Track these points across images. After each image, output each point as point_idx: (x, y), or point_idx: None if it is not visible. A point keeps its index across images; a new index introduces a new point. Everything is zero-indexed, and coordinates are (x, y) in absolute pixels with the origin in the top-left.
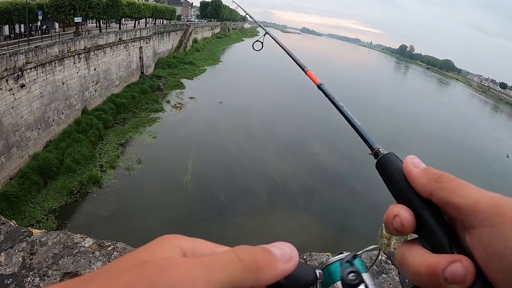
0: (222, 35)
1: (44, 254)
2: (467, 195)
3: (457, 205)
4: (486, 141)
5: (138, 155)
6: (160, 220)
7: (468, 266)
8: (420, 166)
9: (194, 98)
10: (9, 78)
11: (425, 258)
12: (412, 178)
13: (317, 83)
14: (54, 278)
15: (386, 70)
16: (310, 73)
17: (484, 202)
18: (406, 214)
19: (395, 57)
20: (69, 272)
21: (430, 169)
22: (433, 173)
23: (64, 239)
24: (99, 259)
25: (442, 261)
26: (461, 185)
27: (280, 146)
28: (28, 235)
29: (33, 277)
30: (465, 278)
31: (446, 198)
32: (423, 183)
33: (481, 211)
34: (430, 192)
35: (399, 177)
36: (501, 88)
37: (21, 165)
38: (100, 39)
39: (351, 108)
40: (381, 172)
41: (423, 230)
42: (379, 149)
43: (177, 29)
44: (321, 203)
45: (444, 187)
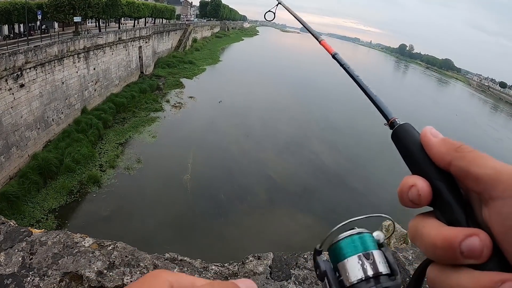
0: (221, 34)
1: (44, 254)
2: (487, 166)
3: (477, 175)
4: (486, 140)
5: (138, 154)
6: (159, 220)
7: (486, 240)
8: (438, 136)
9: (193, 97)
10: (8, 78)
11: (441, 230)
12: (430, 148)
13: (332, 52)
14: (54, 278)
15: (385, 69)
16: (325, 43)
17: (506, 173)
18: (423, 184)
19: (394, 56)
20: (69, 272)
21: (448, 139)
22: (452, 143)
23: (64, 239)
24: (99, 259)
25: (459, 234)
26: (481, 156)
27: (280, 145)
28: (27, 234)
29: (33, 277)
30: (482, 253)
31: (466, 167)
32: (441, 152)
33: (502, 181)
34: (449, 162)
35: (415, 147)
36: (500, 87)
37: (20, 165)
38: (99, 38)
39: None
40: (397, 143)
41: (438, 202)
42: (395, 120)
43: (176, 29)
44: (321, 202)
45: (463, 156)
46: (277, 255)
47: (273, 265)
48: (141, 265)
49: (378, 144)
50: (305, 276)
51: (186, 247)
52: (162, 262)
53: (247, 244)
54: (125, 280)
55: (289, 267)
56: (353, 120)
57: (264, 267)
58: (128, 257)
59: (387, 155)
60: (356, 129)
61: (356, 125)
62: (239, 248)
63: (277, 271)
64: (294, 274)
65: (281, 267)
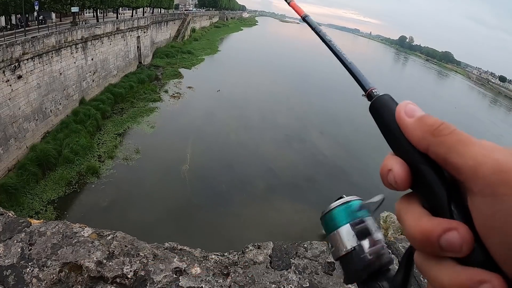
0: (220, 24)
1: (43, 245)
2: (468, 155)
3: (456, 165)
4: (488, 136)
5: (136, 145)
6: (158, 210)
7: (465, 235)
8: (415, 114)
9: (192, 87)
10: (6, 69)
11: (421, 221)
12: (405, 130)
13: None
14: (54, 269)
15: (385, 60)
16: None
17: (486, 166)
18: (399, 170)
19: (394, 47)
20: (69, 262)
21: (426, 118)
22: (430, 124)
23: (63, 229)
24: (98, 249)
25: (438, 228)
26: (462, 141)
27: (279, 136)
28: (26, 225)
29: (32, 268)
30: (461, 248)
31: (443, 155)
32: (417, 136)
33: (482, 177)
34: (426, 147)
35: (393, 125)
36: (500, 81)
37: (19, 157)
38: (97, 28)
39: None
40: (375, 117)
41: (420, 187)
42: (372, 90)
43: (175, 19)
44: (320, 193)
45: (442, 142)
46: (277, 244)
47: (273, 254)
48: (141, 255)
49: (377, 134)
50: (305, 266)
51: (185, 237)
52: (161, 252)
53: (246, 234)
54: (124, 269)
55: (289, 257)
56: (352, 111)
57: (264, 256)
58: (128, 247)
59: (385, 146)
60: (355, 120)
61: (355, 115)
62: (238, 238)
63: (277, 260)
64: (294, 263)
65: (281, 257)
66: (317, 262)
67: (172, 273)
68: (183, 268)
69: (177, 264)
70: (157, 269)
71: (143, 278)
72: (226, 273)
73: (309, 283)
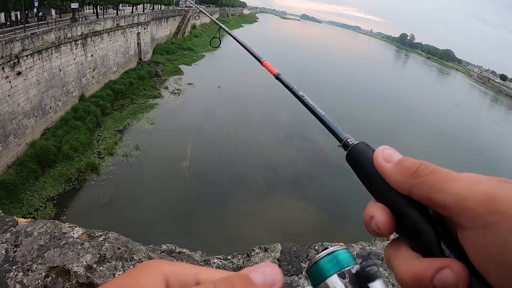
0: (220, 20)
1: (29, 246)
2: (451, 191)
3: (442, 203)
4: (489, 135)
5: (136, 141)
6: (158, 207)
7: (460, 272)
8: (393, 159)
9: (192, 84)
10: (5, 65)
11: (411, 265)
12: (385, 175)
13: (274, 73)
14: (39, 273)
15: (386, 58)
16: (267, 64)
17: (473, 198)
18: (381, 217)
19: (395, 45)
20: (56, 266)
21: (404, 161)
22: (409, 167)
23: (51, 229)
24: (88, 251)
25: (429, 269)
26: (443, 178)
27: (279, 133)
28: (13, 224)
29: (16, 272)
30: (457, 285)
31: (427, 195)
32: (398, 180)
33: (470, 210)
34: (408, 190)
35: (372, 171)
36: (501, 79)
37: (18, 153)
38: (97, 25)
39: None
40: (353, 166)
41: (407, 230)
42: (347, 140)
43: (175, 15)
44: (321, 190)
45: (423, 182)
46: (286, 246)
47: (282, 258)
48: (135, 258)
49: (377, 132)
50: None
51: (185, 235)
52: (158, 255)
53: (247, 231)
54: (116, 275)
55: (299, 260)
56: (354, 108)
57: (272, 260)
58: (121, 249)
59: (385, 143)
60: (357, 117)
61: (356, 113)
62: (239, 235)
63: (286, 265)
64: (305, 267)
65: (291, 260)
66: None
67: None
68: None
69: None
70: None
71: None
72: None
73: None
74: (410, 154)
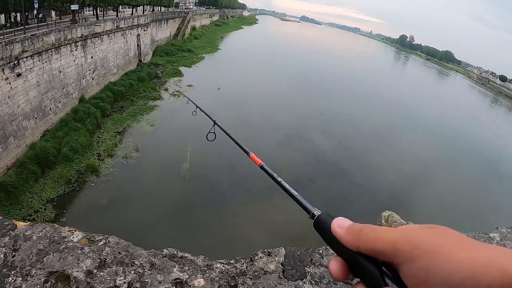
0: (220, 22)
1: (28, 251)
2: (385, 240)
3: (381, 250)
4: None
5: (136, 143)
6: (158, 209)
7: None
8: (344, 225)
9: (192, 86)
10: (5, 67)
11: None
12: (339, 238)
13: (259, 164)
14: (38, 279)
15: (386, 59)
16: (253, 156)
17: (400, 241)
18: (334, 267)
19: (395, 47)
20: (55, 271)
21: (352, 226)
22: (355, 230)
23: (50, 233)
24: (88, 256)
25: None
26: (380, 232)
27: (279, 135)
28: (11, 228)
29: (14, 277)
30: None
31: (370, 247)
32: (348, 240)
33: (399, 250)
34: (357, 247)
35: (331, 235)
36: (501, 80)
37: (18, 155)
38: (97, 26)
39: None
40: (318, 232)
41: (361, 274)
42: (314, 212)
43: (175, 17)
44: (322, 191)
45: (366, 239)
46: (289, 250)
47: (286, 262)
48: (136, 263)
49: (378, 134)
50: (321, 275)
51: (186, 238)
52: (159, 260)
53: (249, 233)
54: (117, 281)
55: (304, 264)
56: (353, 110)
57: (275, 264)
58: (122, 254)
59: (386, 145)
60: (356, 119)
61: (356, 115)
62: (240, 238)
63: (290, 269)
64: (309, 272)
65: (295, 265)
66: None
67: (171, 286)
68: (184, 280)
69: (177, 274)
70: (155, 281)
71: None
72: (233, 284)
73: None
74: (410, 156)
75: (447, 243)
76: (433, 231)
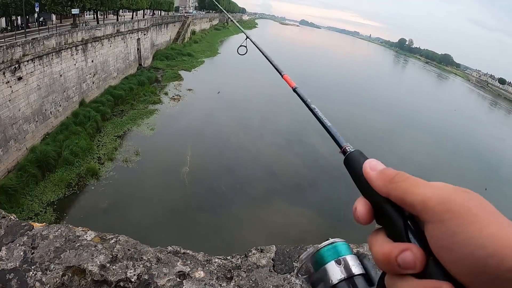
0: (220, 26)
1: (46, 248)
2: (418, 193)
3: (410, 202)
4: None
5: (136, 147)
6: (158, 212)
7: (417, 253)
8: (377, 168)
9: (192, 90)
10: (6, 70)
11: (383, 247)
12: (370, 181)
13: (293, 86)
14: (57, 272)
15: (385, 63)
16: (287, 77)
17: (433, 200)
18: (361, 209)
19: (394, 50)
20: (72, 265)
21: (386, 170)
22: (388, 174)
23: (65, 233)
24: (101, 252)
25: (395, 250)
26: (413, 184)
27: (279, 138)
28: (29, 229)
29: (35, 271)
30: (415, 265)
31: (400, 197)
32: (379, 185)
33: (430, 208)
34: (386, 193)
35: (361, 175)
36: (499, 83)
37: (18, 158)
38: (97, 30)
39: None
40: (348, 169)
41: (383, 221)
42: (346, 148)
43: (175, 21)
44: (320, 195)
45: (398, 187)
46: (280, 248)
47: (276, 258)
48: (144, 258)
49: (377, 137)
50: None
51: (187, 240)
52: (165, 255)
53: (247, 236)
54: (128, 273)
55: (292, 260)
56: (353, 114)
57: (267, 260)
58: (131, 251)
59: (385, 148)
60: (356, 124)
61: (356, 119)
62: (239, 239)
63: (280, 264)
64: (297, 266)
65: (284, 260)
66: None
67: (175, 277)
68: (186, 272)
69: (180, 268)
70: (161, 273)
71: (146, 282)
72: (229, 276)
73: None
74: (409, 159)
75: (479, 214)
76: (468, 196)
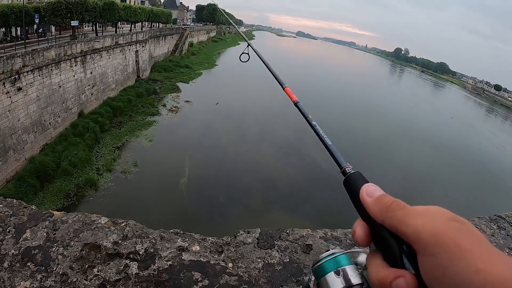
0: (217, 38)
1: (66, 230)
2: (411, 225)
3: (404, 233)
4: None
5: (135, 158)
6: (156, 223)
7: (410, 281)
8: (374, 194)
9: (190, 101)
10: (6, 81)
11: (379, 271)
12: (366, 207)
13: (294, 100)
14: (76, 248)
15: (381, 72)
16: (288, 90)
17: (425, 232)
18: (360, 232)
19: (390, 60)
20: (89, 243)
21: (382, 198)
22: (385, 202)
23: (82, 218)
24: (114, 232)
25: (390, 276)
26: (408, 214)
27: (277, 149)
28: (49, 215)
29: (57, 247)
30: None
31: (395, 226)
32: (375, 212)
33: (422, 241)
34: (382, 221)
35: (359, 199)
36: (495, 90)
37: (17, 168)
38: (96, 42)
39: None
40: (347, 190)
41: (380, 245)
42: (346, 168)
43: (173, 33)
44: (319, 205)
45: (393, 216)
46: (263, 230)
47: (260, 237)
48: (150, 237)
49: (374, 146)
50: (286, 246)
51: None
52: (167, 234)
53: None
54: (137, 247)
55: (274, 239)
56: (349, 123)
57: (252, 239)
58: (139, 232)
59: (382, 157)
60: (352, 132)
61: (352, 127)
62: None
63: (263, 242)
64: (277, 244)
65: (267, 239)
66: (297, 244)
67: (176, 250)
68: (185, 246)
69: (180, 243)
70: (164, 247)
71: (152, 254)
72: (220, 250)
73: (289, 259)
74: (407, 169)
75: (468, 248)
76: (459, 228)
